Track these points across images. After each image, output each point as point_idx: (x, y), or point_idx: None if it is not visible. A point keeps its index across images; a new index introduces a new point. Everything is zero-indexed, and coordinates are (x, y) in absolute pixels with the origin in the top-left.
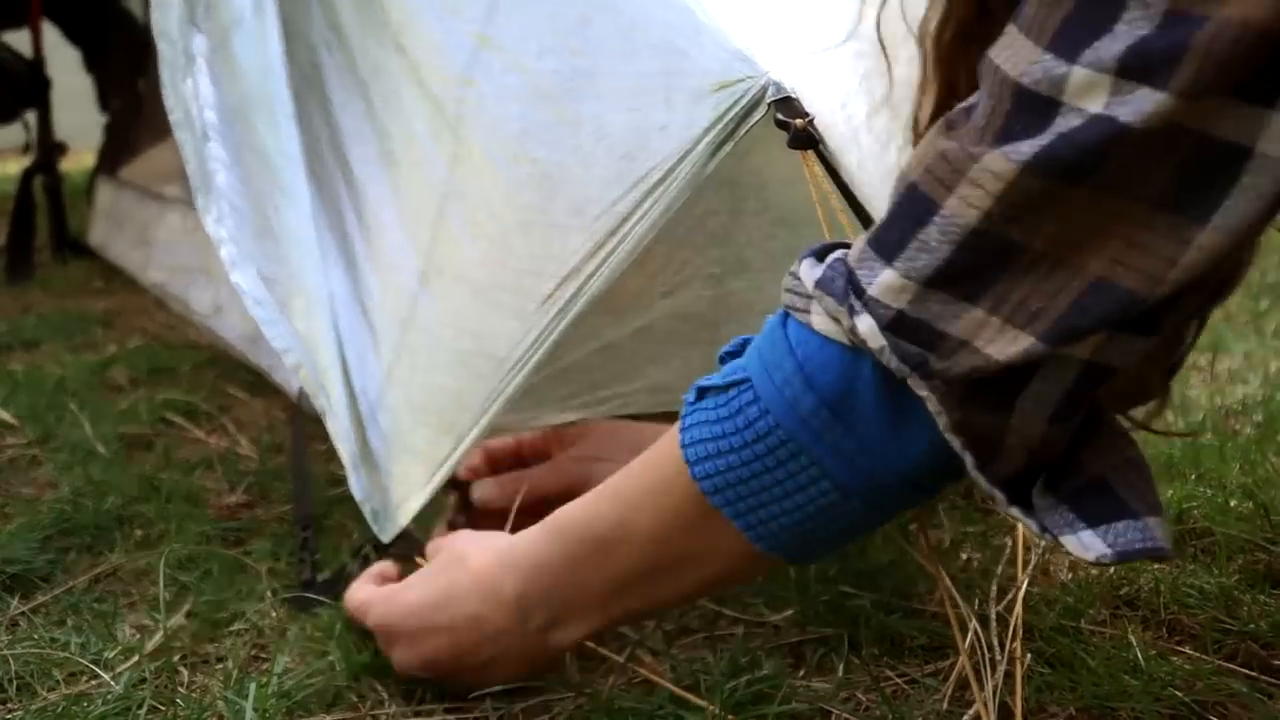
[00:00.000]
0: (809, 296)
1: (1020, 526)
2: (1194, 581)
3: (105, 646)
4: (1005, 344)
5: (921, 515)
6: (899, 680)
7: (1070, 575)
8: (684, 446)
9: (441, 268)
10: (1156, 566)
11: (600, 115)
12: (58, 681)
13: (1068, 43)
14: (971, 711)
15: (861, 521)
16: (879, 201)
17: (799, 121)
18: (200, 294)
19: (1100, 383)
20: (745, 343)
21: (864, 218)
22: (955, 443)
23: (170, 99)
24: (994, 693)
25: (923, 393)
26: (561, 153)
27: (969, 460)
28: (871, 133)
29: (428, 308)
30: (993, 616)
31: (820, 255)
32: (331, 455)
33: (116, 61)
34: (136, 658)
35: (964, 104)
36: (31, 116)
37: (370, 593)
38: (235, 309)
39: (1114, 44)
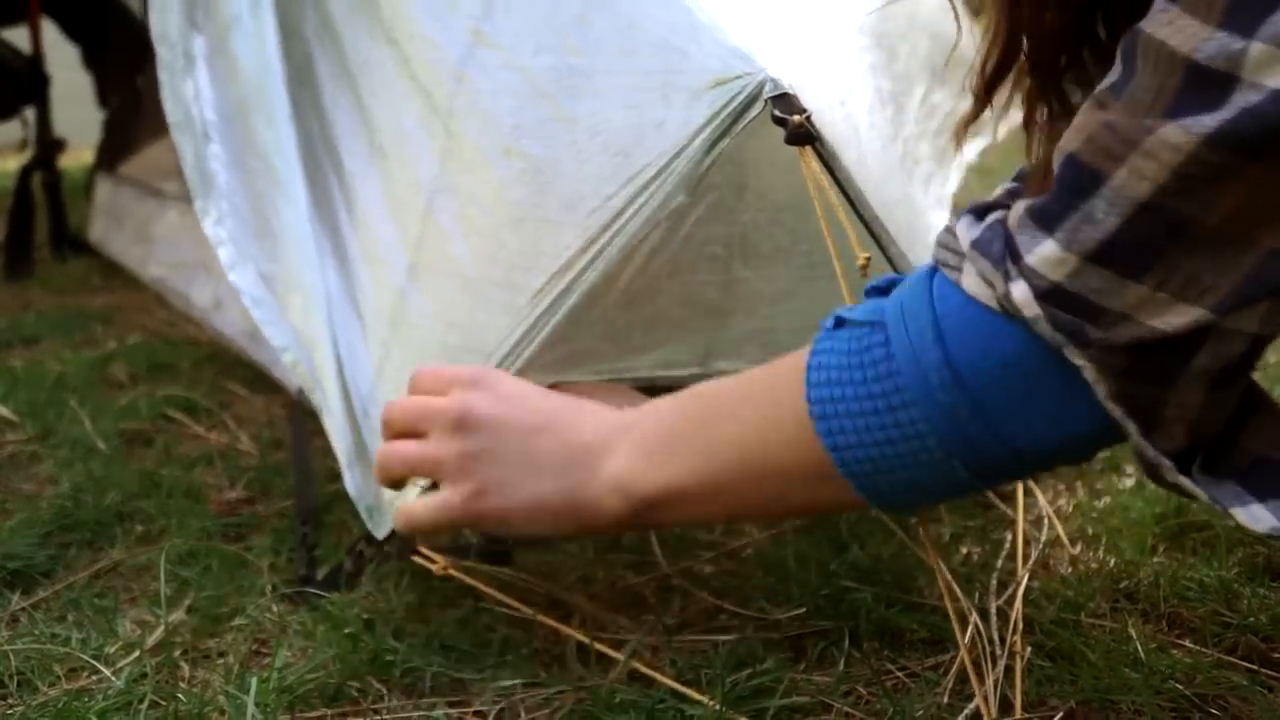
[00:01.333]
0: (962, 255)
1: (1020, 522)
2: (1194, 575)
3: (106, 642)
4: (1172, 316)
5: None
6: (900, 674)
7: (1070, 569)
8: (809, 369)
9: (431, 263)
10: (1156, 560)
11: (596, 112)
12: (58, 677)
13: (1243, 18)
14: (972, 705)
15: (959, 484)
16: (882, 197)
17: (796, 118)
18: (200, 289)
19: (1259, 354)
20: (893, 282)
21: (864, 214)
22: (1116, 411)
23: (170, 101)
24: (994, 686)
25: (1079, 362)
26: (555, 149)
27: (1132, 428)
28: (874, 129)
29: (417, 302)
30: (993, 610)
31: (979, 214)
32: (331, 451)
33: (115, 58)
34: (137, 653)
35: (1106, 83)
36: (30, 113)
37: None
38: (235, 304)
39: None
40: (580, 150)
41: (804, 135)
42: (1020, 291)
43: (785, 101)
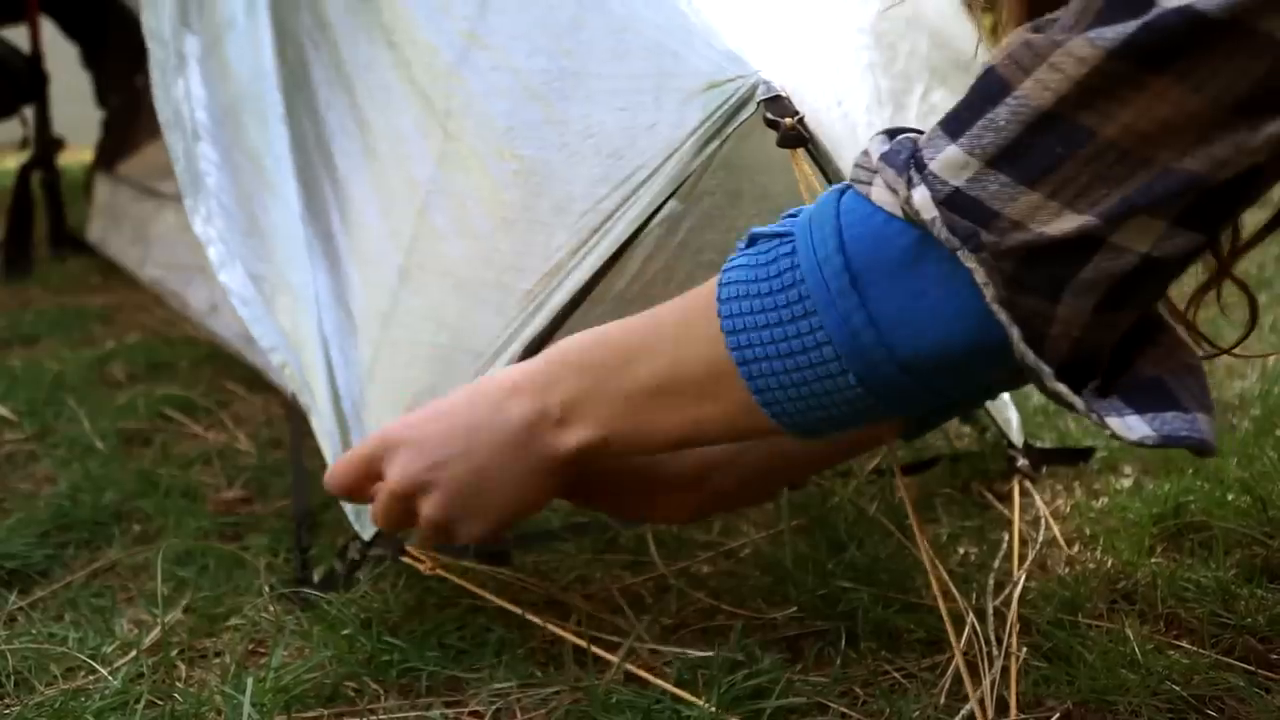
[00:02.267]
0: (874, 171)
1: (1017, 522)
2: (1191, 575)
3: (103, 641)
4: (1061, 223)
5: (918, 509)
6: (896, 674)
7: (1067, 570)
8: (720, 284)
9: (423, 263)
10: (1153, 561)
11: (589, 115)
12: (55, 676)
13: None
14: (968, 707)
15: (860, 402)
16: None
17: (788, 120)
18: (197, 292)
19: (1151, 279)
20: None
21: None
22: (1001, 315)
23: (160, 100)
24: (991, 687)
25: (971, 264)
26: (548, 151)
27: (1015, 334)
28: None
29: (408, 303)
30: (990, 611)
31: (892, 134)
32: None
33: (115, 57)
34: (134, 653)
35: (1050, 15)
36: (29, 112)
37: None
38: (231, 308)
39: None
40: (572, 152)
41: (796, 138)
42: (920, 196)
43: (778, 104)
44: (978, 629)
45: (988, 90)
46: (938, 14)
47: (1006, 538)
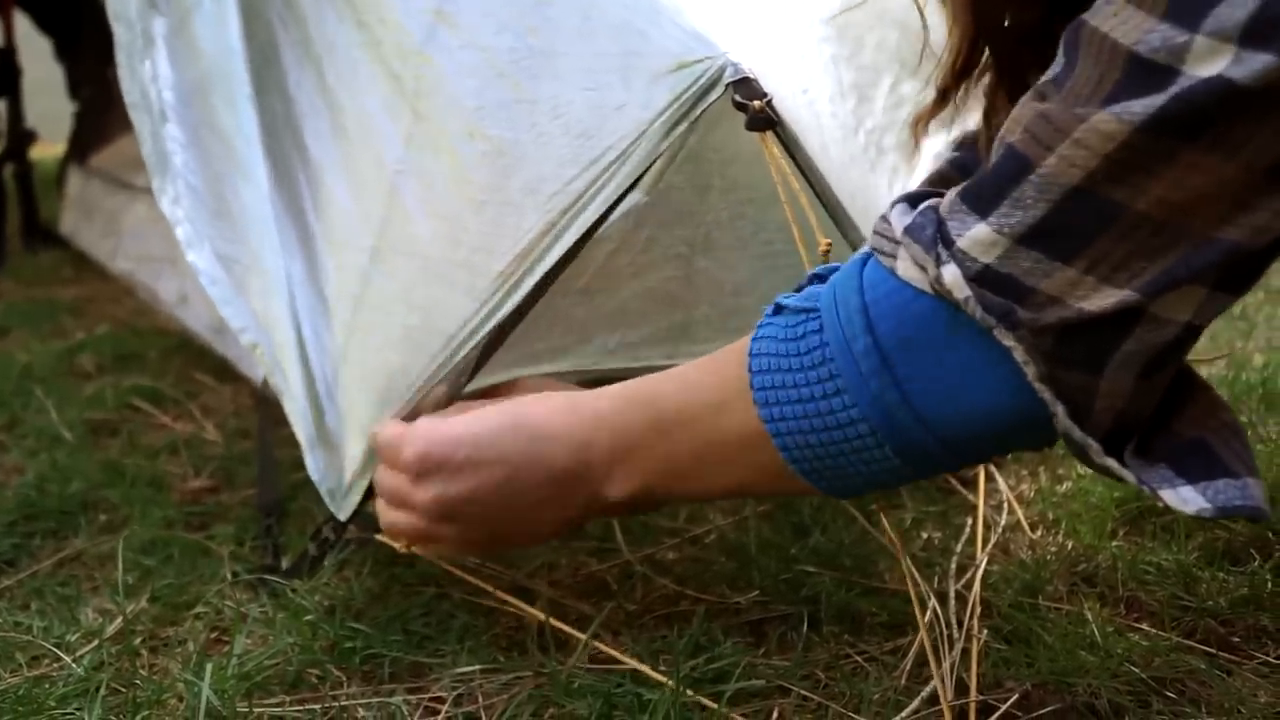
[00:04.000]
0: (896, 242)
1: (981, 506)
2: (1152, 559)
3: (68, 630)
4: (1099, 298)
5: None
6: (858, 658)
7: (1029, 553)
8: (751, 355)
9: (394, 245)
10: (1115, 544)
11: (557, 94)
12: (20, 664)
13: (1187, 10)
14: (929, 688)
15: (897, 471)
16: (843, 185)
17: (757, 103)
18: (167, 284)
19: (1190, 341)
20: (833, 271)
21: (826, 200)
22: (1045, 394)
23: (126, 81)
24: (951, 669)
25: (1009, 343)
26: (517, 131)
27: (1060, 410)
28: (836, 118)
29: (379, 285)
30: (951, 594)
31: (913, 201)
32: (296, 439)
33: (87, 51)
34: (97, 641)
35: (1048, 75)
36: (1, 105)
37: (405, 426)
38: (201, 299)
39: (1235, 11)
40: (541, 132)
41: (765, 120)
42: (951, 274)
43: (746, 86)
44: (939, 612)
45: (1008, 167)
46: (907, 8)
47: (970, 522)
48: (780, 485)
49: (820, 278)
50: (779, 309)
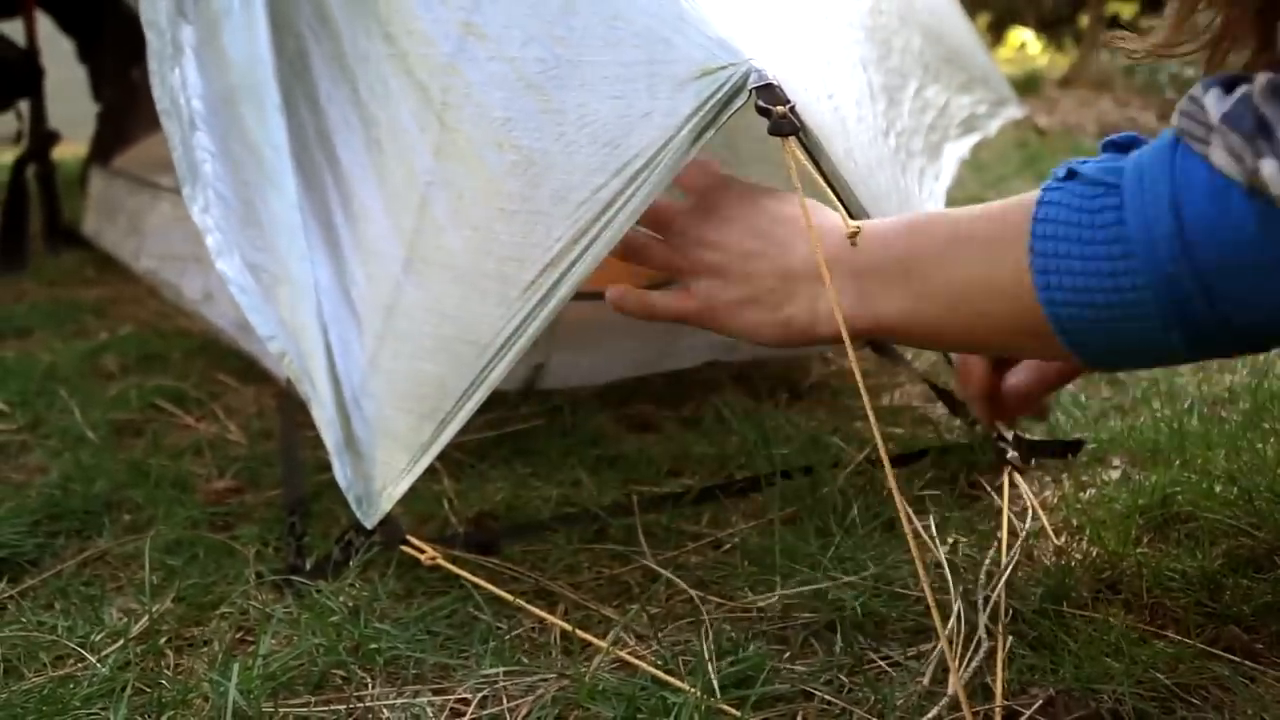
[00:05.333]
0: (1210, 127)
1: (1005, 512)
2: (1177, 566)
3: (92, 630)
4: None
5: (907, 500)
6: (881, 663)
7: (1054, 560)
8: (1035, 220)
9: (425, 255)
10: (1139, 551)
11: (584, 103)
12: (44, 664)
13: None
14: (950, 692)
15: (1170, 353)
16: (870, 188)
17: (779, 109)
18: (191, 281)
19: None
20: (1132, 141)
21: (849, 206)
22: None
23: (158, 89)
24: (974, 675)
25: None
26: (545, 141)
27: None
28: (863, 121)
29: (411, 295)
30: (978, 600)
31: (1227, 86)
32: (320, 441)
33: (110, 52)
34: (122, 641)
35: None
36: (24, 106)
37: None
38: (226, 296)
39: None
40: (569, 142)
41: (787, 126)
42: (1270, 168)
43: (769, 92)
44: (963, 617)
45: None
46: (929, 11)
47: (994, 528)
48: (1032, 345)
49: (1118, 145)
50: (1071, 174)
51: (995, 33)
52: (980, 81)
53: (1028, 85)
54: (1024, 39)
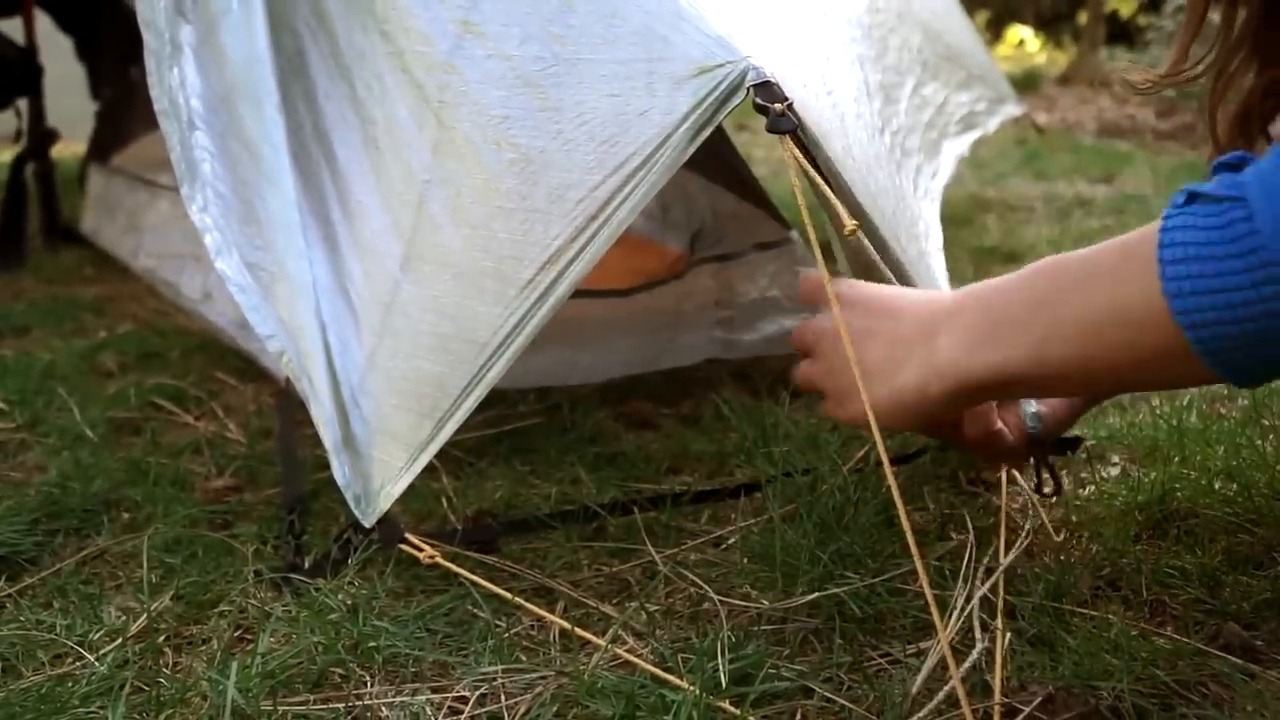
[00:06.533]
0: None
1: (1005, 508)
2: (1176, 563)
3: (91, 628)
4: None
5: (906, 498)
6: (881, 660)
7: (1053, 557)
8: (1163, 246)
9: (423, 253)
10: (1139, 548)
11: (582, 101)
12: (43, 663)
13: None
14: (948, 687)
15: None
16: (868, 186)
17: (777, 106)
18: (190, 280)
19: None
20: (1243, 159)
21: (848, 203)
22: None
23: (155, 89)
24: (973, 672)
25: None
26: (543, 139)
27: None
28: (861, 119)
29: (409, 293)
30: (976, 598)
31: None
32: (319, 439)
33: (108, 50)
34: (120, 639)
35: None
36: (23, 104)
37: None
38: (224, 295)
39: None
40: (567, 140)
41: (785, 123)
42: None
43: (767, 90)
44: (963, 615)
45: None
46: (928, 9)
47: (991, 523)
48: (1166, 372)
49: (1230, 166)
50: (1193, 197)
51: (994, 30)
52: (979, 79)
53: (1026, 83)
54: (1022, 36)
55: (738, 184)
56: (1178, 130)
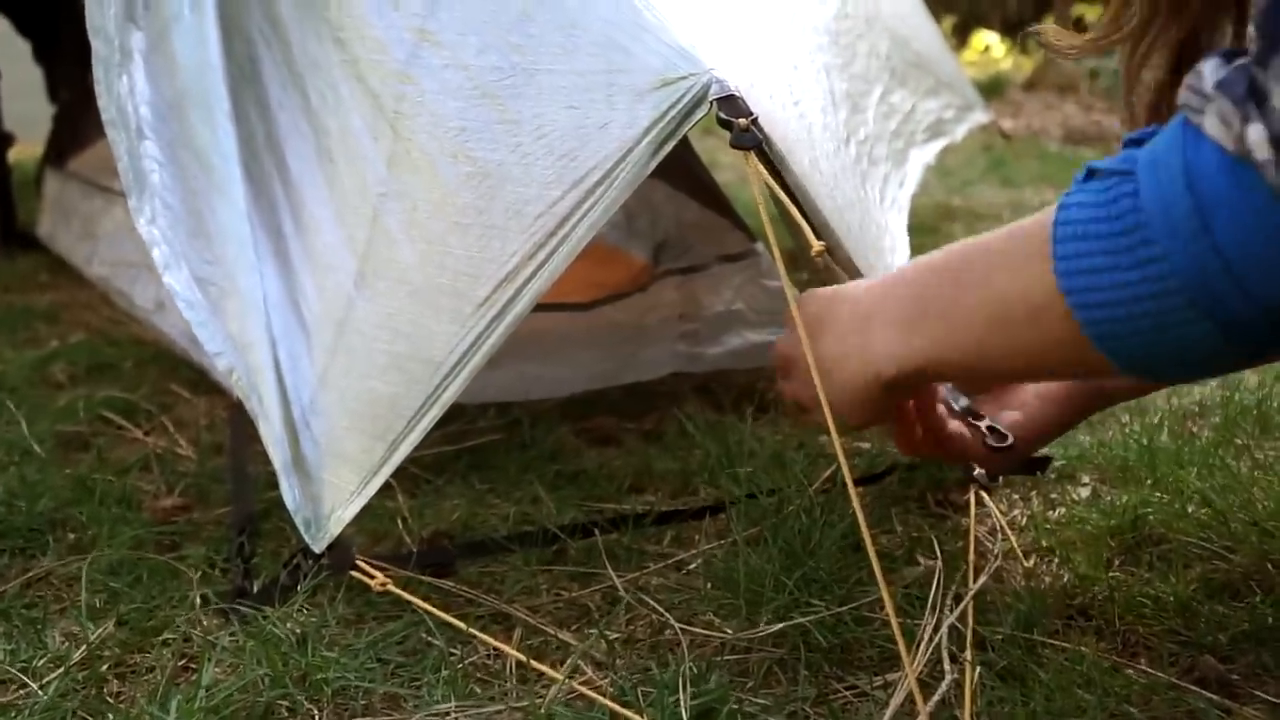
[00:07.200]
0: (1206, 97)
1: (972, 532)
2: (1149, 591)
3: (35, 654)
4: None
5: (873, 520)
6: (847, 693)
7: (1024, 583)
8: (1056, 223)
9: (378, 269)
10: (1111, 575)
11: (541, 114)
12: None
13: None
14: None
15: (1211, 348)
16: (835, 199)
17: (741, 121)
18: (143, 290)
19: None
20: (1154, 134)
21: (812, 219)
22: None
23: (104, 97)
24: (942, 706)
25: None
26: (501, 152)
27: None
28: (828, 130)
29: (363, 310)
30: (944, 627)
31: (1229, 57)
32: None
33: (66, 53)
34: (64, 668)
35: None
36: None
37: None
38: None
39: None
40: (525, 153)
41: (749, 139)
42: (1255, 134)
43: (731, 104)
44: (931, 646)
45: None
46: (896, 16)
47: (960, 547)
48: (1069, 358)
49: (1137, 142)
50: (1091, 173)
51: (960, 35)
52: (947, 86)
53: (992, 88)
54: (988, 42)
55: (702, 192)
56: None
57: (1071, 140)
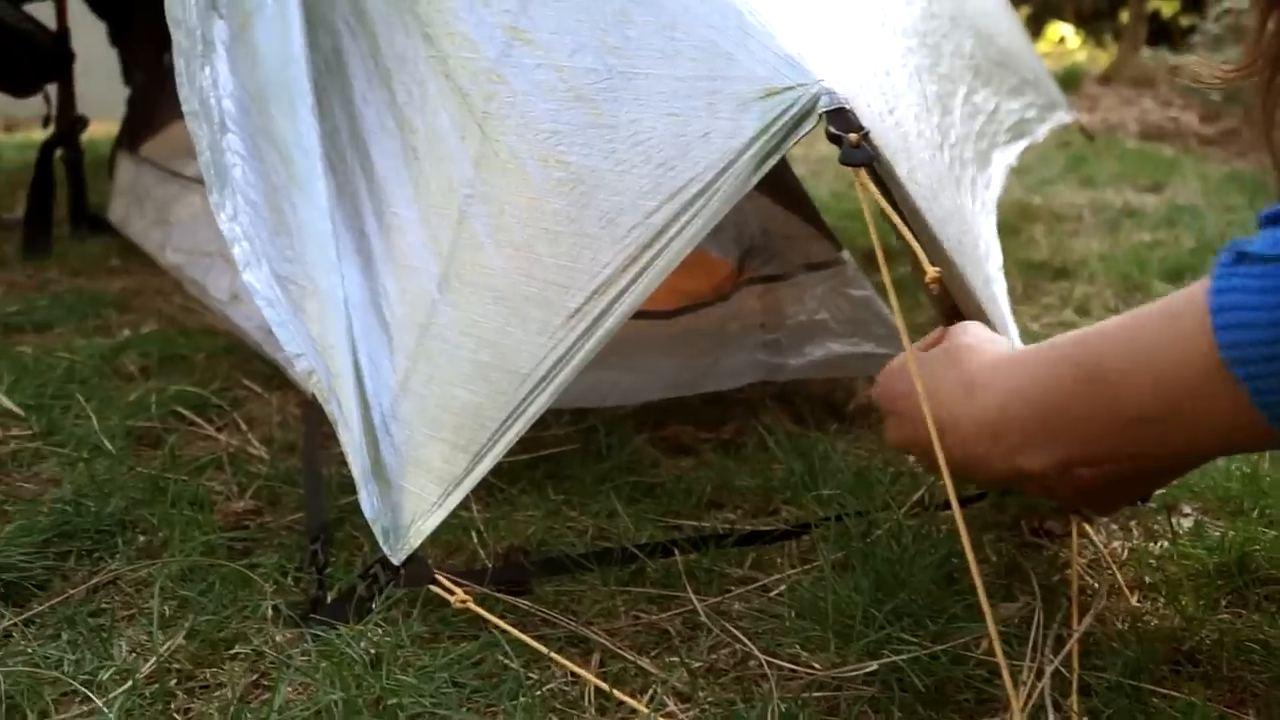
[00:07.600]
0: None
1: (1075, 568)
2: (1259, 635)
3: (100, 666)
4: None
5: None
6: None
7: (1128, 624)
8: (1214, 311)
9: (463, 273)
10: (1219, 617)
11: (638, 119)
12: (48, 703)
13: None
14: None
15: None
16: (935, 212)
17: (852, 136)
18: (218, 280)
19: None
20: None
21: (920, 236)
22: None
23: (185, 89)
24: None
25: None
26: (595, 158)
27: None
28: (922, 137)
29: (447, 315)
30: (1049, 672)
31: None
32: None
33: (141, 35)
34: (131, 682)
35: None
36: (52, 89)
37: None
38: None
39: None
40: (620, 160)
41: (860, 155)
42: None
43: (842, 117)
44: (1033, 690)
45: None
46: (979, 12)
47: (1059, 581)
48: (1239, 443)
49: (1273, 219)
50: (1241, 256)
51: (1033, 26)
52: (1031, 84)
53: (1067, 81)
54: (1063, 33)
55: (786, 196)
56: (1221, 136)
57: (1148, 137)
